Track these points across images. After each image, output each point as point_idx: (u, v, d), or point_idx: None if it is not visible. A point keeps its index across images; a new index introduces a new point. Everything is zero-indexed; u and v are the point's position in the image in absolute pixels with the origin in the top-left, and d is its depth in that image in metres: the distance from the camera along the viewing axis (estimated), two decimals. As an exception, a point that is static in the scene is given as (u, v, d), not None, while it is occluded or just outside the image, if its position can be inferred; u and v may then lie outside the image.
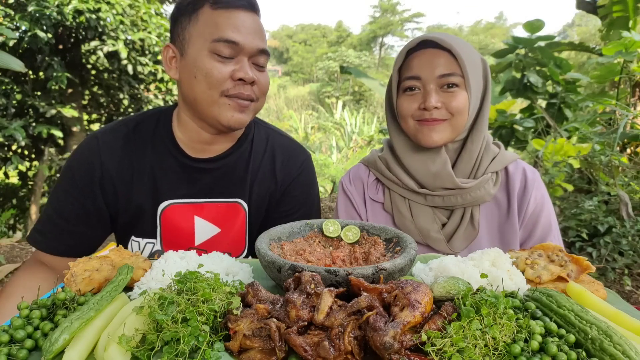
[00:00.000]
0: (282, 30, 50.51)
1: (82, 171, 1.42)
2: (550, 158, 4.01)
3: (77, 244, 1.45)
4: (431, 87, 1.37)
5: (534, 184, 1.47)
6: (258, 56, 1.33)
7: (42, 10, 5.15)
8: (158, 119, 1.49)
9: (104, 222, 1.47)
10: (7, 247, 4.72)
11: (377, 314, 0.72)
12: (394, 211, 1.54)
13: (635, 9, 5.20)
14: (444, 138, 1.41)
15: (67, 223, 1.42)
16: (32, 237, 1.45)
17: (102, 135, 1.46)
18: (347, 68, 6.27)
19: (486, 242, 1.47)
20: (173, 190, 1.44)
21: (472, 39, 40.20)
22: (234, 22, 1.28)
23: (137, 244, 1.47)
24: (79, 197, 1.42)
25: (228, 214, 1.48)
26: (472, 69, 1.38)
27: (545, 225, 1.46)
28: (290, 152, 1.58)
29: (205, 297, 0.78)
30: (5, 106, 5.39)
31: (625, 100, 5.13)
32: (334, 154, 11.86)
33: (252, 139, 1.53)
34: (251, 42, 1.30)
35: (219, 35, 1.26)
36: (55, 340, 0.71)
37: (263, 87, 1.37)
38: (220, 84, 1.28)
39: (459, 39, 1.41)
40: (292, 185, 1.55)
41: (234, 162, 1.48)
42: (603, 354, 0.68)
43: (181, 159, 1.44)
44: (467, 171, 1.47)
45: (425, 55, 1.38)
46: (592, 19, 23.69)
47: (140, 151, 1.44)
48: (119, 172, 1.42)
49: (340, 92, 24.65)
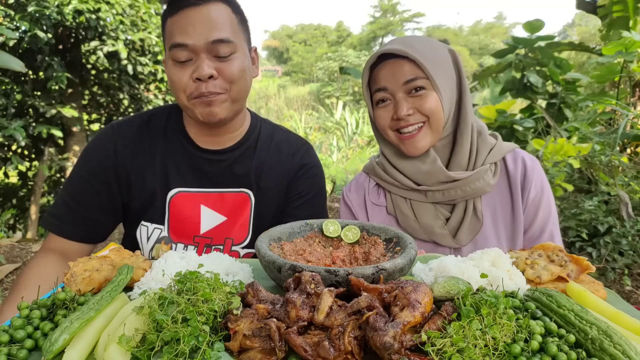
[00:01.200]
0: (282, 30, 50.49)
1: (98, 159, 1.49)
2: (550, 158, 4.01)
3: (90, 229, 1.51)
4: (400, 96, 1.40)
5: (533, 171, 1.49)
6: (215, 48, 1.32)
7: (42, 11, 5.15)
8: (170, 112, 1.57)
9: (116, 209, 1.53)
10: (7, 247, 4.72)
11: (377, 314, 0.72)
12: (397, 212, 1.55)
13: (635, 9, 5.20)
14: (428, 143, 1.44)
15: (82, 208, 1.48)
16: (46, 221, 1.50)
17: (119, 125, 1.54)
18: (346, 69, 6.27)
19: (491, 233, 1.48)
20: (182, 178, 1.50)
21: (472, 39, 40.23)
22: (181, 24, 1.31)
23: (146, 228, 1.52)
24: (95, 184, 1.48)
25: (234, 203, 1.54)
26: (437, 67, 1.39)
27: (546, 211, 1.48)
28: (295, 143, 1.65)
29: (205, 297, 0.78)
30: (5, 106, 5.39)
31: (625, 100, 5.13)
32: (334, 154, 11.85)
33: (258, 133, 1.60)
34: (199, 38, 1.30)
35: (171, 42, 1.32)
36: (55, 340, 0.71)
37: (229, 76, 1.35)
38: (183, 89, 1.35)
39: (418, 40, 1.43)
40: (302, 170, 1.62)
41: (241, 155, 1.55)
42: (603, 354, 0.68)
43: (191, 149, 1.51)
44: (464, 163, 1.48)
45: (387, 66, 1.42)
46: (592, 19, 23.70)
47: (153, 141, 1.52)
48: (132, 160, 1.49)
49: (340, 92, 24.66)
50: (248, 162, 1.55)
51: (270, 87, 26.81)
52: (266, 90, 25.85)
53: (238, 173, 1.54)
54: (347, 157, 11.52)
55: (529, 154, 1.55)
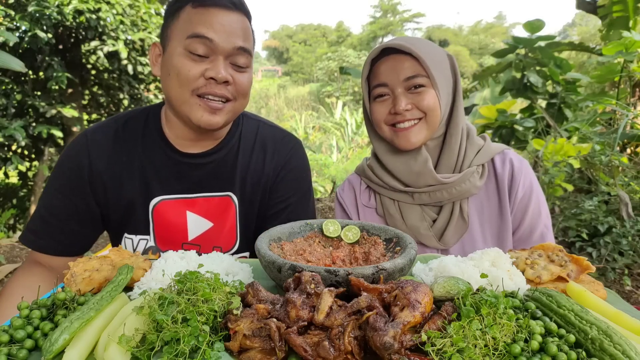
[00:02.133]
0: (282, 30, 50.49)
1: (72, 170, 1.42)
2: (550, 158, 4.01)
3: (69, 242, 1.46)
4: (399, 92, 1.40)
5: (521, 172, 1.49)
6: (236, 55, 1.29)
7: (42, 10, 5.15)
8: (147, 115, 1.49)
9: (95, 220, 1.48)
10: (7, 247, 4.72)
11: (377, 314, 0.72)
12: (385, 214, 1.57)
13: (635, 9, 5.20)
14: (421, 138, 1.44)
15: (58, 221, 1.43)
16: (24, 237, 1.46)
17: (92, 133, 1.46)
18: (346, 69, 6.26)
19: (478, 234, 1.49)
20: (164, 186, 1.44)
21: (472, 39, 40.21)
22: (209, 19, 1.26)
23: (131, 241, 1.48)
24: (70, 196, 1.42)
25: (219, 208, 1.49)
26: (437, 67, 1.40)
27: (535, 211, 1.48)
28: (279, 140, 1.57)
29: (205, 297, 0.78)
30: (5, 106, 5.38)
31: (625, 100, 5.13)
32: (334, 154, 11.86)
33: (240, 132, 1.53)
34: (226, 40, 1.26)
35: (192, 31, 1.25)
36: (55, 340, 0.71)
37: (241, 88, 1.33)
38: (190, 83, 1.27)
39: (420, 40, 1.44)
40: (283, 171, 1.55)
41: (224, 157, 1.49)
42: (603, 354, 0.68)
43: (171, 154, 1.44)
44: (451, 165, 1.48)
45: (389, 62, 1.42)
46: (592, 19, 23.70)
47: (131, 148, 1.44)
48: (108, 170, 1.42)
49: (340, 92, 24.65)
50: (232, 164, 1.49)
51: (270, 87, 26.80)
52: (266, 90, 25.84)
53: (222, 176, 1.48)
54: (347, 157, 11.52)
55: (518, 155, 1.55)
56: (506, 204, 1.48)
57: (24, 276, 1.41)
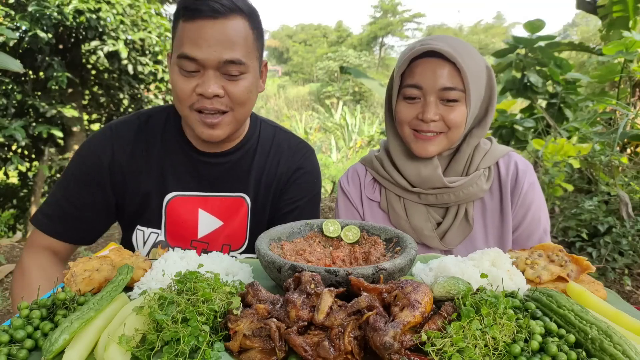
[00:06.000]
0: (282, 30, 50.45)
1: (93, 159, 1.46)
2: (550, 158, 4.00)
3: (81, 230, 1.49)
4: (431, 100, 1.37)
5: (525, 174, 1.49)
6: (226, 66, 1.28)
7: (42, 10, 5.15)
8: (168, 113, 1.53)
9: (109, 210, 1.51)
10: (7, 247, 4.73)
11: (377, 314, 0.72)
12: (390, 210, 1.56)
13: (635, 9, 5.20)
14: (438, 150, 1.43)
15: (74, 208, 1.46)
16: (37, 220, 1.47)
17: (116, 126, 1.51)
18: (347, 68, 6.26)
19: (481, 236, 1.49)
20: (179, 182, 1.48)
21: (472, 39, 40.20)
22: (194, 35, 1.25)
23: (142, 233, 1.51)
24: (89, 185, 1.46)
25: (231, 208, 1.52)
26: (475, 82, 1.37)
27: (535, 216, 1.48)
28: (294, 146, 1.62)
29: (205, 297, 0.78)
30: (5, 106, 5.38)
31: (625, 100, 5.12)
32: (334, 154, 11.85)
33: (258, 136, 1.57)
34: (212, 54, 1.25)
35: (180, 51, 1.27)
36: (55, 340, 0.71)
37: (235, 98, 1.32)
38: (185, 99, 1.31)
39: (464, 47, 1.38)
40: (295, 174, 1.58)
41: (240, 158, 1.52)
42: (603, 354, 0.68)
43: (189, 152, 1.48)
44: (460, 170, 1.49)
45: (428, 65, 1.36)
46: (592, 19, 23.68)
47: (151, 143, 1.49)
48: (129, 162, 1.47)
49: (340, 92, 24.64)
50: (248, 165, 1.52)
51: (270, 87, 26.80)
52: (266, 90, 25.84)
53: (238, 176, 1.51)
54: (347, 157, 11.52)
55: (522, 158, 1.55)
56: (508, 205, 1.48)
57: (35, 255, 1.43)
